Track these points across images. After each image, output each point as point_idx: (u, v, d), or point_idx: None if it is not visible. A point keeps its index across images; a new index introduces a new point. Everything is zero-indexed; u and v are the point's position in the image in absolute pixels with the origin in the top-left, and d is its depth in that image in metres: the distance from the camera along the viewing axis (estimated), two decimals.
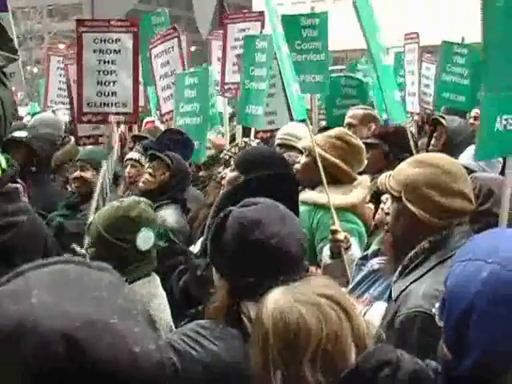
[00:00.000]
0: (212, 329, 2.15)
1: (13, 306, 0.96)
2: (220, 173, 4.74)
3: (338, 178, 4.00)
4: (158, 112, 8.07)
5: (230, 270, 2.19)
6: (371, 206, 4.06)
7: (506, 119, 3.21)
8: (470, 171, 4.63)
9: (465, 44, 8.47)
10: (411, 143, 4.40)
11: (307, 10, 6.73)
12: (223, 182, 4.17)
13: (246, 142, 4.84)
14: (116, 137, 6.07)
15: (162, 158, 4.89)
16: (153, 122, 9.09)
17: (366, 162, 4.30)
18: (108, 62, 5.96)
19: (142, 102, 8.89)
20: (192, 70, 7.13)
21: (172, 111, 6.96)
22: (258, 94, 6.30)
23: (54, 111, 7.67)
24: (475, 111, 7.37)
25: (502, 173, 4.79)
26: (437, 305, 1.47)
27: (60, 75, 9.29)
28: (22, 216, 3.05)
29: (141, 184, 4.88)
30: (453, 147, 5.51)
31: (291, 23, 6.42)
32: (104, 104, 5.99)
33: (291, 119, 6.11)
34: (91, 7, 53.32)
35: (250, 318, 2.12)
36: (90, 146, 6.28)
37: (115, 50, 5.97)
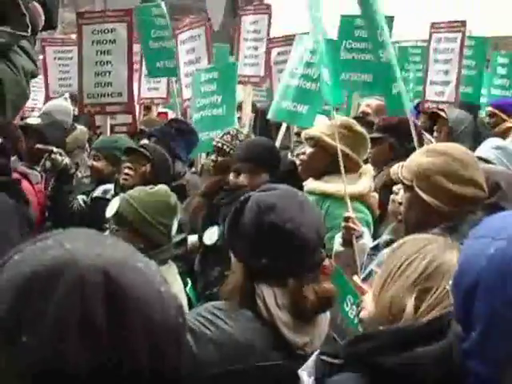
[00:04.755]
0: (226, 310, 2.20)
1: (48, 252, 1.03)
2: (213, 161, 4.72)
3: (345, 167, 4.01)
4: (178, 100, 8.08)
5: (246, 252, 2.23)
6: (375, 194, 4.11)
7: None
8: (488, 163, 4.66)
9: (473, 36, 8.47)
10: (413, 135, 4.39)
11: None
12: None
13: (237, 130, 4.87)
14: (108, 127, 6.15)
15: (140, 150, 4.76)
16: (166, 113, 9.10)
17: (369, 149, 4.33)
18: (104, 52, 6.04)
19: (164, 94, 8.94)
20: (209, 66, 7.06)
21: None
22: (301, 92, 6.10)
23: (66, 98, 7.69)
24: (488, 109, 7.35)
25: None
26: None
27: (59, 65, 9.28)
28: None
29: (122, 181, 4.69)
30: (456, 137, 5.54)
31: (347, 23, 6.44)
32: (101, 95, 6.06)
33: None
34: None
35: (265, 300, 2.17)
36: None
37: (111, 41, 6.04)
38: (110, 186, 4.85)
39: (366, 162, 4.45)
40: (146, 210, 3.33)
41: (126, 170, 4.69)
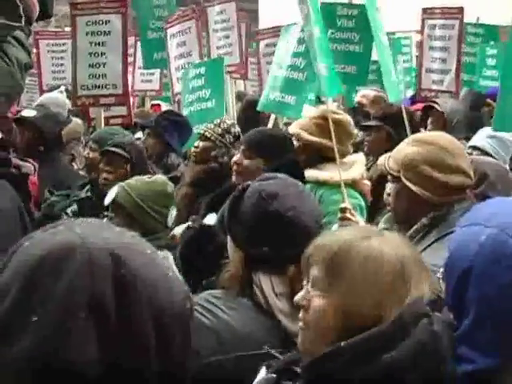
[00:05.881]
0: (224, 299, 2.22)
1: (58, 236, 1.07)
2: (195, 147, 4.59)
3: (330, 156, 4.02)
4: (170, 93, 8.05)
5: (246, 240, 2.25)
6: (367, 182, 4.16)
7: None
8: (483, 152, 4.68)
9: (480, 24, 8.42)
10: (406, 125, 4.39)
11: None
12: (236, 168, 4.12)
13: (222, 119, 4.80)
14: (102, 119, 6.14)
15: (117, 152, 4.50)
16: (159, 105, 9.09)
17: (355, 132, 4.32)
18: (98, 43, 6.04)
19: (157, 86, 8.89)
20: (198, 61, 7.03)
21: None
22: (289, 82, 6.01)
23: (61, 91, 7.69)
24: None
25: None
26: (441, 269, 1.54)
27: (53, 58, 9.25)
28: None
29: (102, 187, 4.43)
30: (452, 128, 5.53)
31: (328, 12, 6.40)
32: (95, 86, 6.06)
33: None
34: None
35: (262, 288, 2.20)
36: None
37: (105, 32, 6.03)
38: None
39: (356, 150, 4.47)
40: (141, 198, 3.43)
41: (105, 175, 4.52)
